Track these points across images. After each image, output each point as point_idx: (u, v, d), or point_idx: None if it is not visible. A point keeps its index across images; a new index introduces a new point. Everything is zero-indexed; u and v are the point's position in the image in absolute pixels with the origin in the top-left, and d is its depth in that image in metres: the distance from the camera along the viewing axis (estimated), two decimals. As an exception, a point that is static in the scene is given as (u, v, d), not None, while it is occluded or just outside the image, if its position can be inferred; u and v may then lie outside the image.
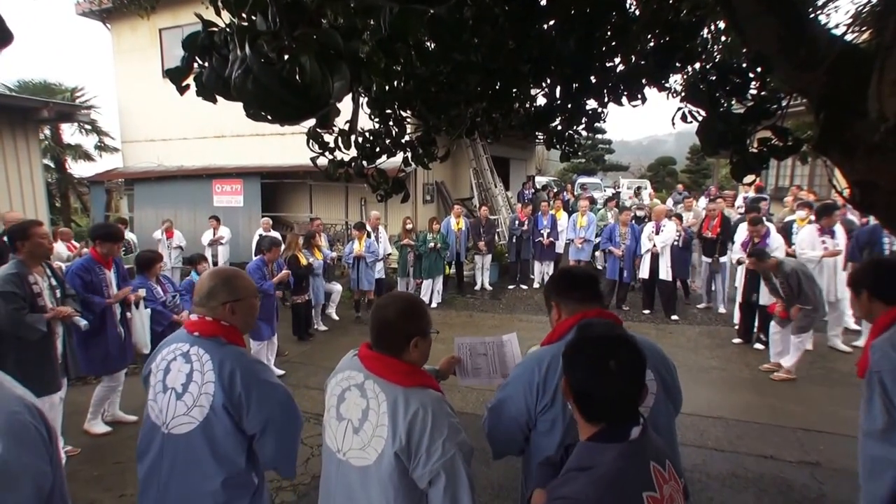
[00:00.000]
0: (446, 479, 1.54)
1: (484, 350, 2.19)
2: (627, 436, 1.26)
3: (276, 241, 6.71)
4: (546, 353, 1.80)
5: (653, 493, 1.22)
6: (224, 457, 1.86)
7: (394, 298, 1.78)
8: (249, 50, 0.96)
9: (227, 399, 1.84)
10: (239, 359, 1.91)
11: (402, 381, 1.64)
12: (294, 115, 1.03)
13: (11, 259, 3.69)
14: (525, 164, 21.75)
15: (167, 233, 10.27)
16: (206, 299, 1.97)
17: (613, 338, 1.36)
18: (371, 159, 2.91)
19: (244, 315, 2.03)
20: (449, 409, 1.66)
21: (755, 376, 5.90)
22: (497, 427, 1.90)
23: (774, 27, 1.71)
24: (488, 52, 2.30)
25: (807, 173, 13.39)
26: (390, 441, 1.57)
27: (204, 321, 1.96)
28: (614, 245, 8.80)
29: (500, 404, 1.88)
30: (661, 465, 1.27)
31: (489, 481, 3.81)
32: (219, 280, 1.99)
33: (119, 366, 4.64)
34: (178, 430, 1.86)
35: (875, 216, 1.78)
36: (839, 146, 1.48)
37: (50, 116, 7.98)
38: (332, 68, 0.95)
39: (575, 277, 1.96)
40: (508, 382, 1.90)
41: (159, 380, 1.93)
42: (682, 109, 2.31)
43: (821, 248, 6.45)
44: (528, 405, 1.78)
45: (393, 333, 1.69)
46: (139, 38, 13.80)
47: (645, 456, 1.26)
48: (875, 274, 2.29)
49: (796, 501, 3.61)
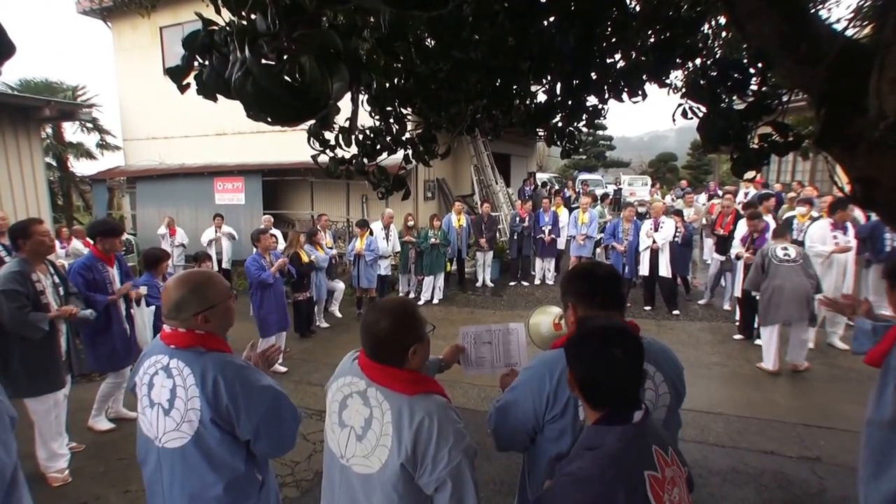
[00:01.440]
0: (453, 486, 1.53)
1: (489, 338, 2.17)
2: (630, 419, 1.33)
3: (262, 229, 6.78)
4: (558, 361, 1.68)
5: (654, 473, 1.28)
6: (221, 464, 1.84)
7: (383, 311, 1.67)
8: (249, 52, 0.96)
9: (214, 413, 1.79)
10: (221, 368, 1.82)
11: (406, 389, 1.60)
12: (294, 116, 1.03)
13: (14, 257, 3.70)
14: (526, 161, 21.71)
15: (170, 230, 10.28)
16: (174, 312, 1.85)
17: (615, 328, 1.42)
18: (372, 157, 2.91)
19: (219, 320, 1.92)
20: (454, 415, 1.63)
21: (756, 372, 5.90)
22: (503, 427, 1.87)
23: (775, 23, 1.70)
24: (488, 50, 2.29)
25: (808, 169, 13.36)
26: (395, 451, 1.55)
27: (178, 333, 1.86)
28: (617, 241, 8.82)
29: (507, 406, 1.85)
30: (664, 451, 1.34)
31: (490, 476, 3.82)
32: (186, 289, 1.85)
33: (125, 362, 4.63)
34: (171, 444, 1.83)
35: (876, 213, 1.78)
36: (840, 142, 1.48)
37: (52, 115, 7.98)
38: (331, 69, 0.95)
39: (597, 280, 1.79)
40: (517, 385, 1.84)
41: (144, 394, 1.88)
42: (682, 106, 2.31)
43: (832, 243, 6.38)
44: (537, 413, 1.74)
45: (389, 347, 1.63)
46: (140, 37, 13.79)
47: (647, 439, 1.33)
48: None
49: (796, 496, 3.61)
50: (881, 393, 2.20)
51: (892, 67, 1.24)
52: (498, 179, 14.13)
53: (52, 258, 4.34)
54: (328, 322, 8.37)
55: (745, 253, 6.64)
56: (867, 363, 2.38)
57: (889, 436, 2.14)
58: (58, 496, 3.68)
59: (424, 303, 9.36)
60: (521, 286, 10.52)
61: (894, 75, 1.24)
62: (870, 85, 1.29)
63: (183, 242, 10.39)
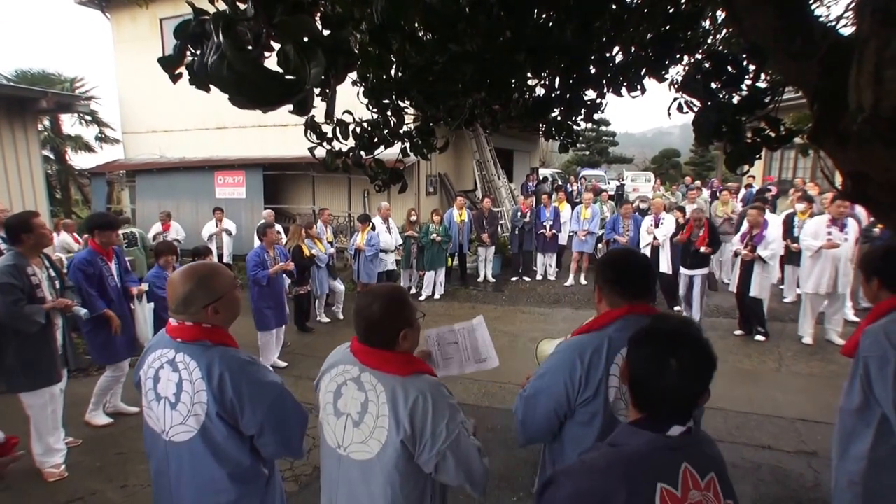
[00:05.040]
0: (455, 458, 1.61)
1: (454, 338, 2.16)
2: (665, 430, 1.25)
3: (269, 223, 6.73)
4: (587, 345, 1.74)
5: (670, 488, 1.19)
6: (228, 458, 1.85)
7: (375, 295, 1.73)
8: (224, 36, 0.96)
9: (219, 407, 1.80)
10: (228, 361, 1.83)
11: (399, 370, 1.66)
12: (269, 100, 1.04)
13: (9, 251, 3.69)
14: (529, 156, 21.67)
15: (164, 225, 10.18)
16: (183, 306, 1.85)
17: (681, 336, 1.31)
18: (369, 150, 2.90)
19: (227, 312, 1.93)
20: (446, 391, 1.70)
21: (755, 368, 5.91)
22: (533, 415, 1.86)
23: (771, 17, 1.70)
24: (484, 42, 2.28)
25: (808, 166, 13.34)
26: (394, 430, 1.60)
27: (184, 326, 1.86)
28: (618, 235, 8.88)
29: (536, 394, 1.84)
30: (700, 474, 1.23)
31: (491, 471, 3.82)
32: (192, 283, 1.85)
33: (125, 355, 4.65)
34: (178, 437, 1.84)
35: (866, 207, 1.78)
36: (833, 137, 1.48)
37: (49, 107, 7.90)
38: (308, 55, 0.95)
39: (631, 270, 1.84)
40: (545, 372, 1.84)
41: (150, 388, 1.89)
42: (677, 100, 2.30)
43: (824, 238, 6.34)
44: (570, 396, 1.75)
45: (381, 330, 1.69)
46: (139, 28, 13.76)
47: (679, 455, 1.23)
48: (883, 262, 2.31)
49: (793, 490, 3.63)
50: (851, 382, 2.28)
51: (869, 61, 1.24)
52: (500, 175, 14.10)
53: (49, 251, 4.35)
54: (328, 317, 8.37)
55: (744, 250, 6.62)
56: (843, 354, 2.47)
57: (856, 421, 2.24)
58: (53, 491, 3.67)
59: (426, 298, 9.37)
60: (523, 281, 10.53)
61: (871, 69, 1.24)
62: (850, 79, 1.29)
63: (178, 237, 10.26)
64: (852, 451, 2.26)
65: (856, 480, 2.23)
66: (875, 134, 1.27)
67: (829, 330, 6.57)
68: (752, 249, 6.50)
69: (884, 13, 1.25)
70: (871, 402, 2.17)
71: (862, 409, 2.21)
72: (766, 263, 6.51)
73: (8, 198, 7.13)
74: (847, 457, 2.29)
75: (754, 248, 6.50)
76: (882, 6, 1.26)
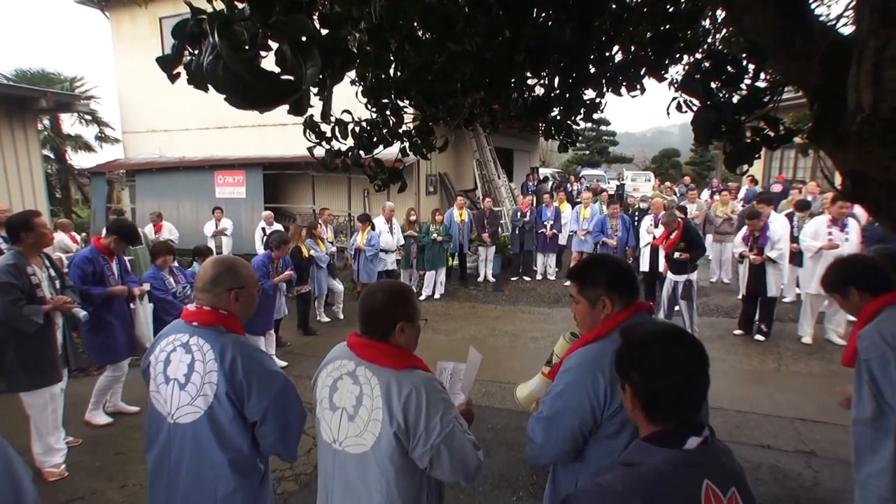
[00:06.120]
0: (449, 451, 1.61)
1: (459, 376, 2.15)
2: (681, 444, 1.19)
3: (284, 238, 6.50)
4: (604, 355, 1.63)
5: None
6: (230, 444, 1.90)
7: (380, 286, 1.81)
8: (219, 36, 0.96)
9: (229, 387, 1.86)
10: (240, 347, 1.92)
11: (393, 364, 1.68)
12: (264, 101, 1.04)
13: (9, 250, 3.69)
14: (529, 156, 21.67)
15: (156, 226, 10.09)
16: (210, 285, 1.97)
17: (674, 329, 1.31)
18: (368, 149, 2.90)
19: (245, 303, 2.04)
20: (440, 386, 1.72)
21: (755, 367, 5.92)
22: (555, 436, 1.73)
23: (771, 17, 1.69)
24: (483, 42, 2.28)
25: (809, 166, 13.34)
26: (388, 423, 1.61)
27: (202, 311, 1.96)
28: (607, 237, 8.87)
29: (557, 414, 1.73)
30: (722, 489, 1.17)
31: (490, 471, 3.83)
32: (223, 267, 2.00)
33: (125, 354, 4.66)
34: (183, 419, 1.89)
35: (865, 207, 1.78)
36: (832, 137, 1.47)
37: (49, 106, 7.89)
38: (304, 54, 0.95)
39: (632, 277, 1.86)
40: (563, 389, 1.73)
41: (160, 371, 1.94)
42: (677, 99, 2.30)
43: (825, 238, 6.34)
44: (595, 412, 1.66)
45: (380, 318, 1.72)
46: (139, 28, 13.75)
47: (699, 471, 1.17)
48: (854, 269, 2.38)
49: (791, 490, 3.63)
50: (858, 392, 2.27)
51: (868, 61, 1.24)
52: (500, 174, 14.09)
53: (49, 251, 4.35)
54: (328, 316, 8.37)
55: (751, 254, 6.58)
56: (843, 364, 2.48)
57: (872, 432, 2.22)
58: (53, 491, 3.66)
59: (426, 297, 9.37)
60: (523, 281, 10.53)
61: (870, 69, 1.23)
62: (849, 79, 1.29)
63: (171, 238, 10.04)
64: (875, 464, 2.21)
65: (885, 496, 2.18)
66: (874, 134, 1.27)
67: (829, 330, 6.57)
68: (758, 252, 6.47)
69: (883, 13, 1.25)
70: (884, 408, 2.15)
71: (876, 417, 2.18)
72: (776, 263, 6.49)
73: (8, 197, 7.12)
74: (870, 471, 2.24)
75: (760, 250, 6.48)
76: (882, 6, 1.26)
